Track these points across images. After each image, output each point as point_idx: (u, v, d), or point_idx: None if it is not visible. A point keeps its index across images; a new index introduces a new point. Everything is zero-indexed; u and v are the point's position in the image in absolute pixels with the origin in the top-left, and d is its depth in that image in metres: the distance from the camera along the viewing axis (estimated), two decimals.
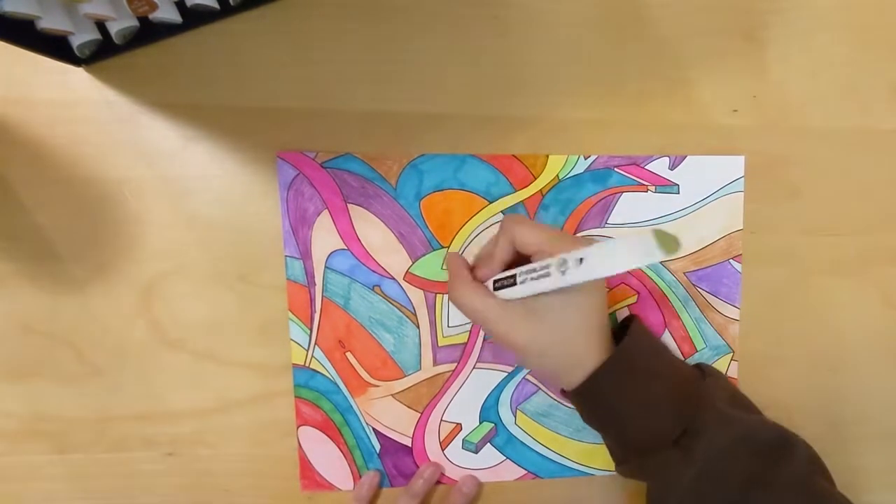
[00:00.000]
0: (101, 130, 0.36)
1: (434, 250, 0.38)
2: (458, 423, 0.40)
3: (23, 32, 0.29)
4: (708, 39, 0.39)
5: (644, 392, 0.32)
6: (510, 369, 0.40)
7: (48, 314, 0.36)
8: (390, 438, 0.40)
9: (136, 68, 0.36)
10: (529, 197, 0.39)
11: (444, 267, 0.38)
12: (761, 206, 0.40)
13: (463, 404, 0.40)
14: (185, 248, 0.37)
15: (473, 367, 0.39)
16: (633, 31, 0.38)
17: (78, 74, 0.35)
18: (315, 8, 0.36)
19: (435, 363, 0.39)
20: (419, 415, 0.40)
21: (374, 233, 0.38)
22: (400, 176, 0.38)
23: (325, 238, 0.37)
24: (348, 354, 0.38)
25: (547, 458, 0.41)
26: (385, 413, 0.39)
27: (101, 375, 0.37)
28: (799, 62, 0.40)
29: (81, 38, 0.32)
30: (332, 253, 0.38)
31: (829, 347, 0.42)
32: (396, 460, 0.40)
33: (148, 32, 0.34)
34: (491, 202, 0.38)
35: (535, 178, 0.38)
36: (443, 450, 0.40)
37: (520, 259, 0.32)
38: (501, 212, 0.38)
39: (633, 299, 0.40)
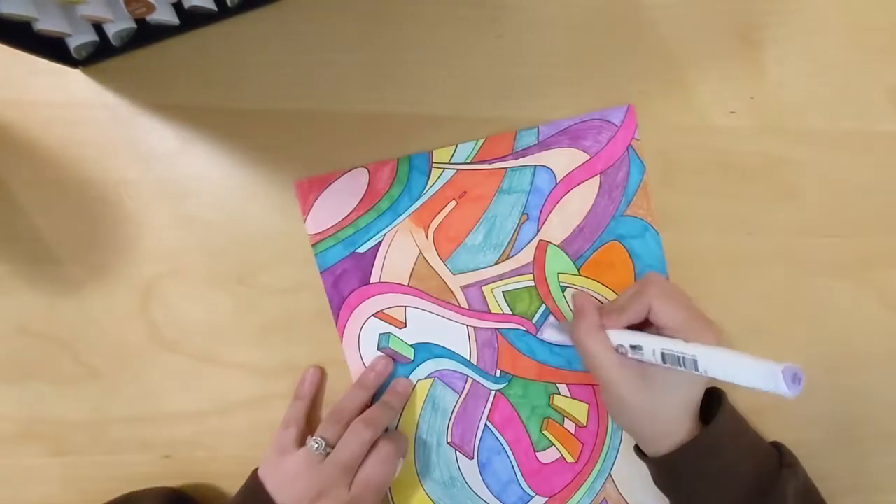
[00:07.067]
0: (98, 132, 0.36)
1: None
2: None
3: (20, 34, 0.29)
4: (706, 41, 0.39)
5: (721, 474, 0.33)
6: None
7: (45, 316, 0.36)
8: None
9: (133, 70, 0.36)
10: None
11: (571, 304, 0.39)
12: (759, 208, 0.40)
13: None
14: (183, 250, 0.37)
15: None
16: (631, 33, 0.38)
17: (75, 76, 0.35)
18: (314, 9, 0.36)
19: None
20: None
21: None
22: None
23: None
24: None
25: None
26: None
27: (98, 377, 0.37)
28: (796, 64, 0.40)
29: (79, 39, 0.32)
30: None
31: (828, 349, 0.42)
32: None
33: (145, 34, 0.34)
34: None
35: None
36: None
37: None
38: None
39: None
